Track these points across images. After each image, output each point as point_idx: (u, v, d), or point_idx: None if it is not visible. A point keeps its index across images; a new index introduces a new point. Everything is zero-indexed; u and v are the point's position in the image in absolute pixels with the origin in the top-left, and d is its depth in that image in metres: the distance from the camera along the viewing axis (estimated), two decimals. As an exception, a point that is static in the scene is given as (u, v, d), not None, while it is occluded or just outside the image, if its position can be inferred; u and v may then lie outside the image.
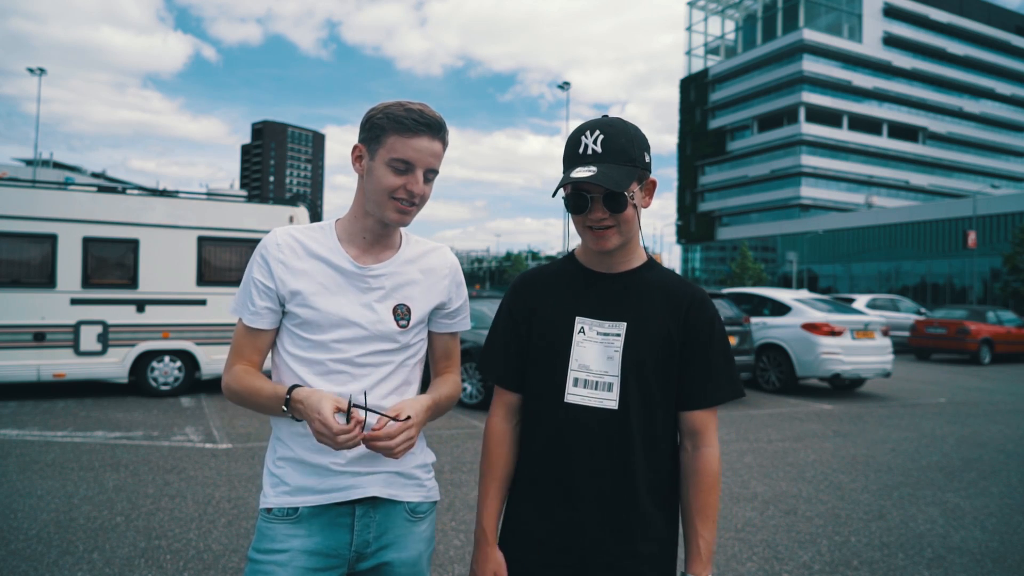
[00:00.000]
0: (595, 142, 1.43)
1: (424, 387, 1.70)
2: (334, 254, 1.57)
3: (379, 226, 1.58)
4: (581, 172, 1.41)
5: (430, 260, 1.68)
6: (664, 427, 1.50)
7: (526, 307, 1.58)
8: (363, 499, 1.54)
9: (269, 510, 1.54)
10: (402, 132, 1.47)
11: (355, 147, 1.56)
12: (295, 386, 1.49)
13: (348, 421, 1.39)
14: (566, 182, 1.44)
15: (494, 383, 1.61)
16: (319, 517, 1.52)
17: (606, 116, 1.51)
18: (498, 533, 1.56)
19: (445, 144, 1.55)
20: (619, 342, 1.47)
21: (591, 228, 1.46)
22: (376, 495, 1.55)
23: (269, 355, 1.65)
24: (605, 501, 1.46)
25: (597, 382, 1.47)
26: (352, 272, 1.57)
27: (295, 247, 1.57)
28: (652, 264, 1.56)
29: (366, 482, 1.54)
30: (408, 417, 1.45)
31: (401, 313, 1.60)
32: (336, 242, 1.59)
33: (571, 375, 1.48)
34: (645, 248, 1.59)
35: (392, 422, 1.43)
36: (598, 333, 1.49)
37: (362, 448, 1.50)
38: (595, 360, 1.47)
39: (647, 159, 1.47)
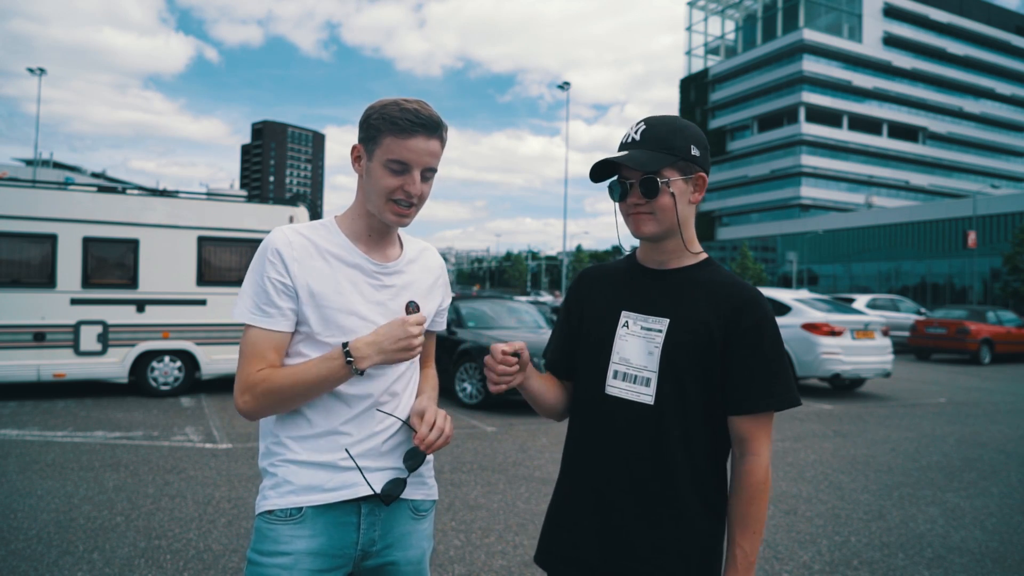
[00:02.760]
0: (637, 132, 1.49)
1: None
2: (348, 252, 1.55)
3: (383, 225, 1.57)
4: (613, 157, 1.47)
5: (427, 260, 1.71)
6: (702, 428, 1.46)
7: (579, 299, 1.64)
8: (369, 497, 1.52)
9: (270, 512, 1.49)
10: (397, 133, 1.45)
11: (354, 147, 1.55)
12: (345, 343, 1.47)
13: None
14: (597, 162, 1.48)
15: (548, 369, 1.69)
16: (323, 517, 1.49)
17: (671, 116, 1.55)
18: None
19: (443, 142, 1.53)
20: (660, 338, 1.47)
21: (630, 214, 1.50)
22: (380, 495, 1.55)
23: None
24: (639, 494, 1.46)
25: (636, 376, 1.47)
26: (369, 269, 1.56)
27: (306, 245, 1.52)
28: (709, 263, 1.55)
29: (373, 479, 1.53)
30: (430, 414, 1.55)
31: (412, 309, 1.60)
32: (345, 239, 1.57)
33: (612, 367, 1.50)
34: (707, 251, 1.59)
35: (431, 425, 1.54)
36: (641, 328, 1.50)
37: (366, 445, 1.53)
38: (636, 354, 1.48)
39: (694, 152, 1.48)
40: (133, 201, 9.20)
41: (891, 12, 69.17)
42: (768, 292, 12.33)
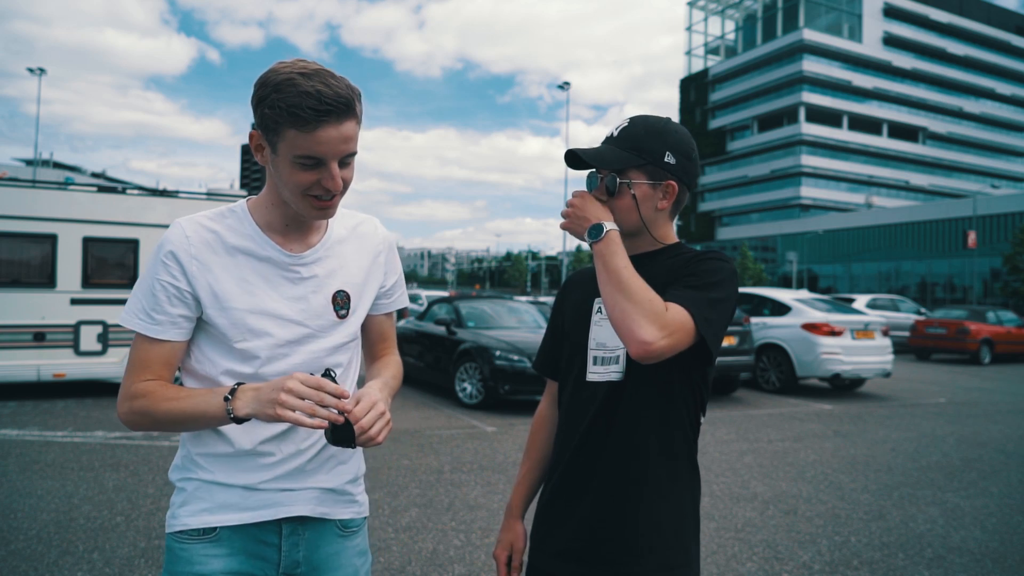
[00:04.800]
0: (618, 129, 1.49)
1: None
2: (257, 244, 1.36)
3: (301, 214, 1.36)
4: (579, 149, 1.48)
5: (362, 236, 1.49)
6: (677, 396, 1.46)
7: (563, 301, 1.68)
8: (290, 517, 1.39)
9: (182, 531, 1.35)
10: (300, 126, 1.20)
11: (251, 135, 1.30)
12: (240, 383, 1.27)
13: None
14: (567, 151, 1.49)
15: (538, 371, 1.75)
16: (240, 536, 1.36)
17: (667, 117, 1.54)
18: (525, 509, 1.67)
19: (359, 118, 1.27)
20: None
21: None
22: (306, 514, 1.40)
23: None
24: (613, 473, 1.46)
25: (608, 357, 1.48)
26: (281, 261, 1.36)
27: (209, 239, 1.33)
28: (679, 246, 1.54)
29: (294, 499, 1.39)
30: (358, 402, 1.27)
31: (340, 301, 1.42)
32: (256, 229, 1.36)
33: (591, 354, 1.51)
34: (684, 242, 1.58)
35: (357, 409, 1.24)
36: None
37: (290, 464, 1.38)
38: (609, 336, 1.49)
39: (668, 159, 1.44)
40: (133, 201, 9.20)
41: (891, 12, 69.16)
42: (768, 292, 12.33)
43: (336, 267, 1.43)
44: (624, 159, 1.43)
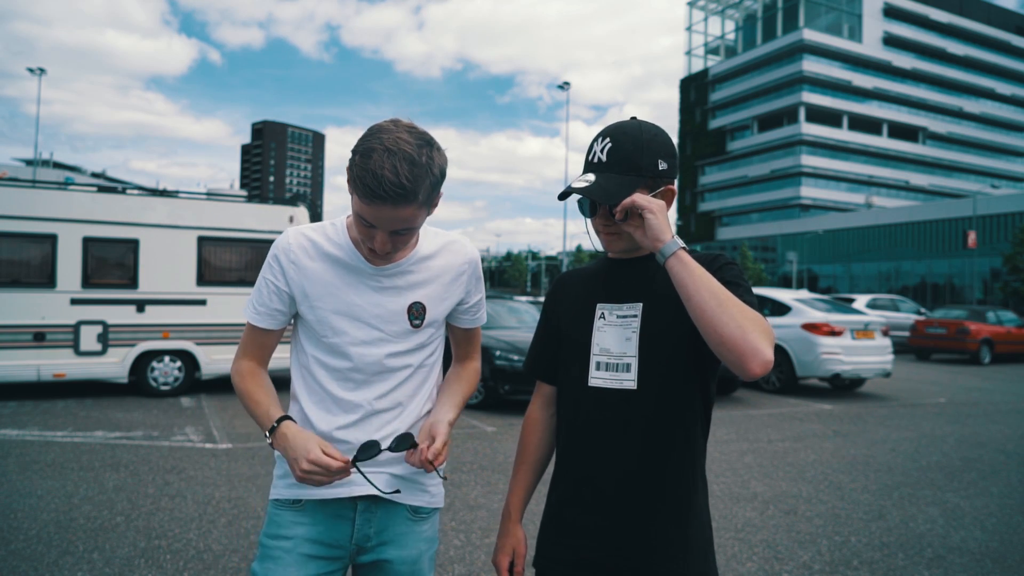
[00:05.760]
0: (602, 151, 1.43)
1: (446, 365, 1.75)
2: (347, 253, 1.54)
3: None
4: (579, 183, 1.43)
5: (448, 255, 1.63)
6: (691, 405, 1.46)
7: (557, 303, 1.64)
8: (364, 496, 1.56)
9: (278, 499, 1.58)
10: (361, 195, 1.36)
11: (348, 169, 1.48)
12: (285, 417, 1.49)
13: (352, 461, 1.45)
14: (564, 191, 1.47)
15: (530, 375, 1.69)
16: (323, 508, 1.56)
17: (633, 119, 1.50)
18: (523, 512, 1.64)
19: (422, 203, 1.39)
20: (636, 322, 1.47)
21: (599, 232, 1.52)
22: (376, 495, 1.55)
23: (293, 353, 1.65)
24: (633, 483, 1.45)
25: (616, 364, 1.47)
26: (365, 271, 1.54)
27: (307, 247, 1.54)
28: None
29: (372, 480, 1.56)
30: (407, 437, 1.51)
31: (416, 312, 1.58)
32: (348, 240, 1.54)
33: (593, 359, 1.49)
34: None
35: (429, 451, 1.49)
36: (617, 316, 1.50)
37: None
38: (614, 343, 1.48)
39: (662, 166, 1.44)
40: (133, 201, 9.20)
41: (891, 12, 69.17)
42: (768, 292, 12.33)
43: (417, 281, 1.59)
44: (628, 185, 1.40)
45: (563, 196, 1.48)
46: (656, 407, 1.43)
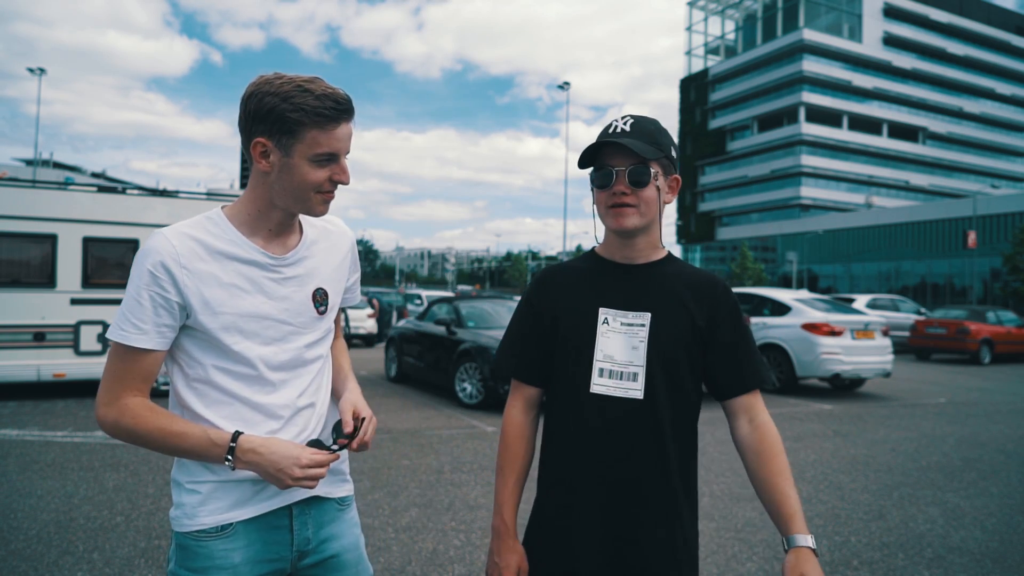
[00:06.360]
0: (625, 124, 1.49)
1: None
2: (241, 248, 1.42)
3: (288, 217, 1.47)
4: (609, 139, 1.47)
5: (332, 236, 1.60)
6: (690, 417, 1.52)
7: (549, 301, 1.57)
8: (299, 500, 1.51)
9: (199, 531, 1.42)
10: (323, 125, 1.34)
11: (256, 142, 1.37)
12: (239, 433, 1.36)
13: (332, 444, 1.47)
14: (598, 141, 1.48)
15: (511, 376, 1.61)
16: (254, 525, 1.45)
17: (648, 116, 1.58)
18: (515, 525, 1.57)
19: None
20: (644, 332, 1.48)
21: (612, 206, 1.48)
22: (317, 494, 1.52)
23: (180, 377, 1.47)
24: (637, 492, 1.46)
25: (622, 372, 1.47)
26: (267, 263, 1.44)
27: (195, 248, 1.38)
28: (672, 257, 1.59)
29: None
30: (363, 419, 1.51)
31: (319, 298, 1.52)
32: (238, 234, 1.43)
33: (596, 365, 1.48)
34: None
35: (359, 430, 1.49)
36: (622, 324, 1.49)
37: None
38: (620, 350, 1.47)
39: (674, 153, 1.52)
40: (133, 201, 9.20)
41: (891, 12, 69.14)
42: (768, 292, 12.33)
43: (314, 266, 1.53)
44: (650, 151, 1.45)
45: (589, 151, 1.48)
46: (661, 417, 1.46)
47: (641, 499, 1.45)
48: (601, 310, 1.50)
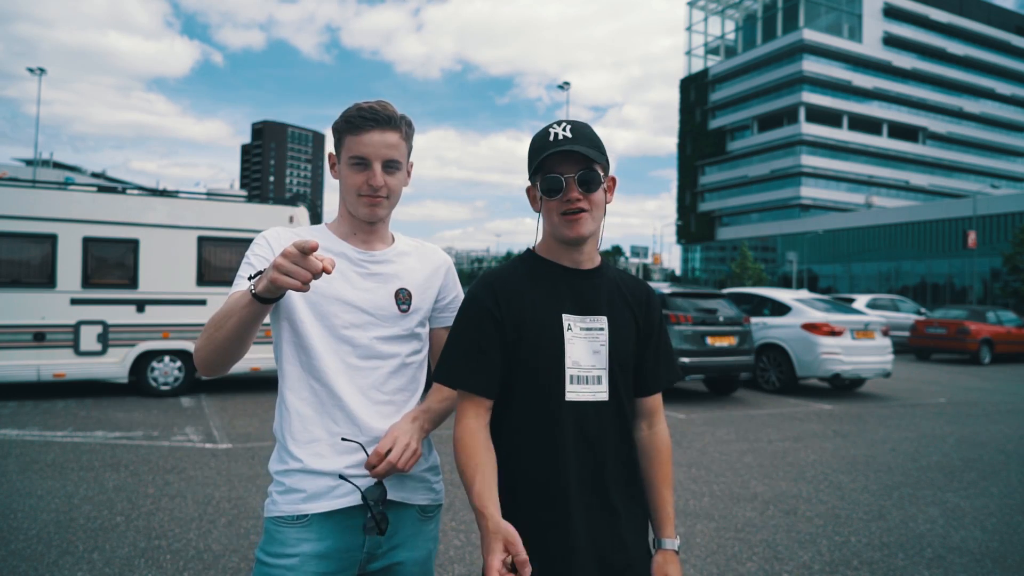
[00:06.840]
0: (566, 130, 1.47)
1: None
2: (334, 243, 1.62)
3: (366, 224, 1.63)
4: (559, 148, 1.44)
5: (426, 254, 1.74)
6: (633, 414, 1.60)
7: (512, 309, 1.47)
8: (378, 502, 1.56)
9: (279, 517, 1.52)
10: (353, 131, 1.54)
11: (329, 155, 1.64)
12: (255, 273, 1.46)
13: None
14: (548, 151, 1.44)
15: (465, 389, 1.46)
16: (330, 520, 1.51)
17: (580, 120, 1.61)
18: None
19: (404, 135, 1.59)
20: (604, 336, 1.52)
21: (565, 214, 1.46)
22: (397, 499, 1.57)
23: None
24: (615, 492, 1.49)
25: (587, 376, 1.49)
26: (354, 257, 1.61)
27: (292, 237, 1.58)
28: (606, 262, 1.63)
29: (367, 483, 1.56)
30: (389, 450, 1.50)
31: (402, 297, 1.63)
32: (333, 237, 1.64)
33: (568, 372, 1.47)
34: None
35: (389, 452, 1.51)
36: (582, 328, 1.51)
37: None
38: (584, 355, 1.49)
39: (608, 158, 1.54)
40: (133, 201, 9.21)
41: (891, 12, 69.14)
42: (768, 292, 12.33)
43: (400, 270, 1.66)
44: (597, 155, 1.47)
45: (542, 159, 1.45)
46: (622, 415, 1.53)
47: (613, 494, 1.50)
48: (564, 316, 1.50)
